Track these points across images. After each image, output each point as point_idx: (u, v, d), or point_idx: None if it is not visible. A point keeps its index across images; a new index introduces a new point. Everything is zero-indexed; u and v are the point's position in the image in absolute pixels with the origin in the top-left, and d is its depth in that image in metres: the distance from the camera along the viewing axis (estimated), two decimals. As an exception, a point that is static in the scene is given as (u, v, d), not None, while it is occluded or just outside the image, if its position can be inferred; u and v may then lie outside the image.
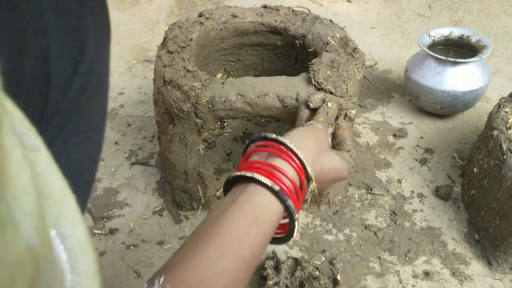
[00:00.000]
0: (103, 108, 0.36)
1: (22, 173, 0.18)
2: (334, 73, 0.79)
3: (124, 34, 1.54)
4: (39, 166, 0.21)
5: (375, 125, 1.19)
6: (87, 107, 0.32)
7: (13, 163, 0.17)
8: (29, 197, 0.18)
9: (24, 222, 0.17)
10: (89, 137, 0.34)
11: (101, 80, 0.34)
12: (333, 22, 0.96)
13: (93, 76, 0.32)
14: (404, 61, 1.29)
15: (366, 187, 1.00)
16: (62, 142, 0.30)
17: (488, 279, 0.82)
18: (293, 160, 0.52)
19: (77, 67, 0.30)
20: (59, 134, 0.30)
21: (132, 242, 0.89)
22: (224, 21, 0.97)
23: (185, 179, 0.89)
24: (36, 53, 0.27)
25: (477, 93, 1.12)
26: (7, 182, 0.17)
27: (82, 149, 0.33)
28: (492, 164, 0.84)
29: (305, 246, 0.88)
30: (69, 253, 0.22)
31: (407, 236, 0.90)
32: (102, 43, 0.33)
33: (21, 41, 0.26)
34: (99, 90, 0.34)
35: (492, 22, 1.56)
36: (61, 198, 0.22)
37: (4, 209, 0.16)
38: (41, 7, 0.28)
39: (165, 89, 0.79)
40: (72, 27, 0.30)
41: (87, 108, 0.32)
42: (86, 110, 0.32)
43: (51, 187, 0.22)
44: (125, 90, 1.32)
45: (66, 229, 0.22)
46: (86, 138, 0.33)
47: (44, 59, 0.28)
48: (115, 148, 1.11)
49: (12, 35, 0.26)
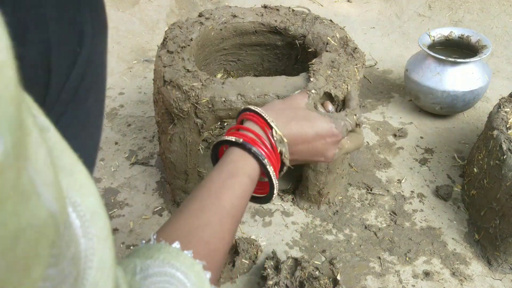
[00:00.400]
0: (101, 99, 0.37)
1: (40, 149, 0.20)
2: (334, 73, 0.79)
3: (124, 34, 1.54)
4: (50, 143, 0.24)
5: (375, 125, 1.19)
6: (85, 97, 0.33)
7: (33, 139, 0.19)
8: (48, 170, 0.20)
9: (45, 191, 0.19)
10: (86, 127, 0.35)
11: (98, 71, 0.35)
12: (333, 22, 0.96)
13: (90, 67, 0.33)
14: (404, 61, 1.29)
15: (366, 187, 1.00)
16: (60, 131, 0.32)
17: (488, 279, 0.82)
18: (255, 117, 0.56)
19: (76, 57, 0.32)
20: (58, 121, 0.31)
21: (132, 242, 0.89)
22: (224, 21, 0.97)
23: (185, 179, 0.89)
24: (37, 44, 0.29)
25: (477, 93, 1.12)
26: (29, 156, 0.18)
27: (80, 139, 0.34)
28: (492, 164, 0.84)
29: (305, 246, 0.88)
30: (81, 219, 0.24)
31: (407, 236, 0.90)
32: (99, 35, 0.35)
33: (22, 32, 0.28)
34: (97, 81, 0.35)
35: (492, 22, 1.56)
36: (71, 171, 0.24)
37: (27, 180, 0.18)
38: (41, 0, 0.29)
39: (165, 89, 0.79)
40: (71, 19, 0.31)
41: (85, 98, 0.34)
42: (84, 100, 0.33)
43: (61, 161, 0.24)
44: (125, 90, 1.32)
45: (77, 198, 0.24)
46: (83, 128, 0.35)
47: (45, 50, 0.29)
48: (115, 148, 1.11)
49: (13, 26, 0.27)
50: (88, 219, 0.25)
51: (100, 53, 0.35)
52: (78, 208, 0.24)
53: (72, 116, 0.33)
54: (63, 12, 0.31)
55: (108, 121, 1.20)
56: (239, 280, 0.82)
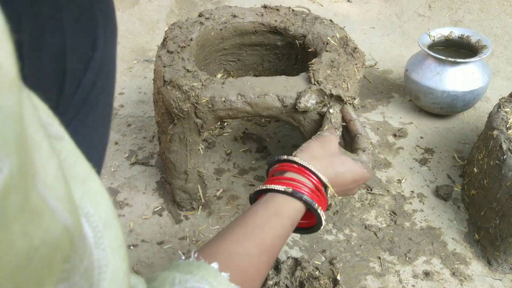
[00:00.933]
0: (110, 102, 0.37)
1: (51, 162, 0.19)
2: (334, 73, 0.79)
3: (124, 34, 1.54)
4: (63, 152, 0.23)
5: (375, 125, 1.19)
6: (96, 100, 0.34)
7: (43, 153, 0.19)
8: (59, 183, 0.20)
9: (59, 206, 0.19)
10: (96, 129, 0.36)
11: (109, 75, 0.36)
12: (333, 22, 0.96)
13: (102, 71, 0.34)
14: (404, 61, 1.29)
15: (366, 187, 1.00)
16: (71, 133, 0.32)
17: (488, 279, 0.82)
18: (304, 172, 0.59)
19: (89, 61, 0.32)
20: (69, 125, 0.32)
21: (132, 242, 0.89)
22: (224, 21, 0.97)
23: (185, 179, 0.89)
24: (54, 48, 0.29)
25: (477, 93, 1.12)
26: (38, 172, 0.18)
27: (89, 141, 0.35)
28: (492, 164, 0.84)
29: (305, 246, 0.88)
30: (93, 230, 0.24)
31: (407, 236, 0.90)
32: (110, 40, 0.35)
33: (39, 36, 0.28)
34: (107, 85, 0.36)
35: (492, 22, 1.56)
36: (84, 180, 0.24)
37: (37, 198, 0.17)
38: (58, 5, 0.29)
39: (165, 89, 0.79)
40: (85, 24, 0.32)
41: (96, 101, 0.34)
42: (95, 103, 0.34)
43: (74, 171, 0.24)
44: (125, 90, 1.32)
45: (90, 208, 0.24)
46: (93, 131, 0.35)
47: (61, 54, 0.30)
48: (115, 148, 1.11)
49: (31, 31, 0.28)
50: (101, 229, 0.24)
51: (111, 57, 0.36)
52: (91, 219, 0.24)
53: (83, 120, 0.33)
54: (78, 17, 0.31)
55: (108, 121, 1.20)
56: (239, 280, 0.82)
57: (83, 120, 0.33)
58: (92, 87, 0.33)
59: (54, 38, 0.29)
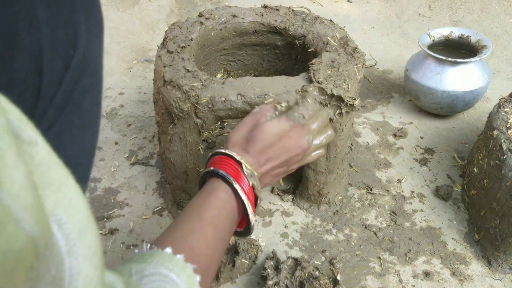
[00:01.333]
0: (97, 102, 0.36)
1: (17, 171, 0.19)
2: (335, 73, 0.79)
3: (124, 34, 1.54)
4: (37, 158, 0.23)
5: (375, 125, 1.19)
6: (81, 101, 0.33)
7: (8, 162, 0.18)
8: (26, 192, 0.19)
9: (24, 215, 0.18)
10: (83, 131, 0.34)
11: (94, 74, 0.34)
12: (333, 22, 0.96)
13: (86, 69, 0.32)
14: (404, 61, 1.29)
15: (366, 187, 1.00)
16: (55, 136, 0.30)
17: (488, 279, 0.82)
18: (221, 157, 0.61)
19: (70, 60, 0.31)
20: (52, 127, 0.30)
21: (132, 242, 0.89)
22: (224, 21, 0.97)
23: (185, 179, 0.89)
24: (28, 46, 0.27)
25: (477, 93, 1.12)
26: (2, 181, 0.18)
27: (77, 143, 0.34)
28: (492, 164, 0.84)
29: (305, 246, 0.88)
30: (66, 238, 0.23)
31: (407, 236, 0.90)
32: (95, 37, 0.34)
33: (13, 34, 0.26)
34: (93, 84, 0.34)
35: (492, 22, 1.56)
36: (59, 186, 0.24)
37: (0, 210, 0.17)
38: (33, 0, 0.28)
39: (165, 89, 0.79)
40: (64, 20, 0.30)
41: (81, 102, 0.33)
42: (79, 104, 0.33)
43: (48, 177, 0.23)
44: (125, 90, 1.32)
45: (64, 215, 0.23)
46: (80, 132, 0.34)
47: (36, 52, 0.28)
48: (115, 148, 1.11)
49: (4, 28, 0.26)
50: (74, 237, 0.24)
51: (95, 55, 0.34)
52: (63, 226, 0.23)
53: (68, 121, 0.32)
54: (56, 13, 0.29)
55: (108, 121, 1.20)
56: (239, 280, 0.82)
57: (68, 121, 0.32)
58: (75, 87, 0.31)
59: (29, 36, 0.27)
